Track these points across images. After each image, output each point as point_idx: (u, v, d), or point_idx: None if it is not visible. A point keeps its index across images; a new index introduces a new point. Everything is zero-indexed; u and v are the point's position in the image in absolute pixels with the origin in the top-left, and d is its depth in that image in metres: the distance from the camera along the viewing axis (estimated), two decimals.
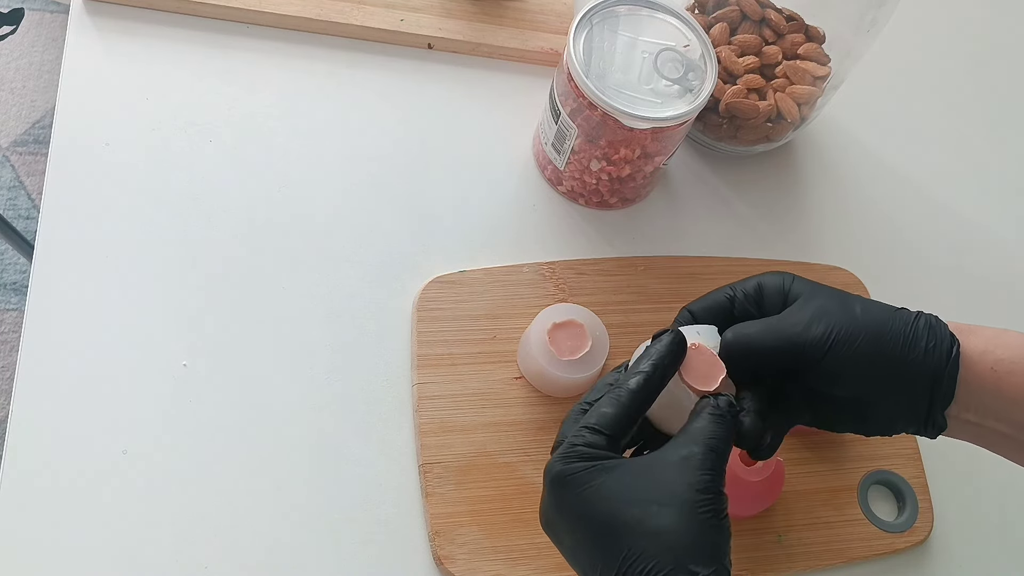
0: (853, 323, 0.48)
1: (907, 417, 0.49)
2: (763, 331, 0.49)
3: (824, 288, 0.51)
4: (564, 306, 0.64)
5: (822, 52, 0.72)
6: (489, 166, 0.73)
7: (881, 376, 0.48)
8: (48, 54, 1.68)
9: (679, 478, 0.43)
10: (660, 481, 0.43)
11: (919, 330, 0.48)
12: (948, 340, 0.48)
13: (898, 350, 0.48)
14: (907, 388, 0.48)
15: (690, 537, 0.42)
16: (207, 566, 0.56)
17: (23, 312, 0.70)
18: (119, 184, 0.66)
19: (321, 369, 0.63)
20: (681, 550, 0.42)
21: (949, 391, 0.48)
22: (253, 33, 0.73)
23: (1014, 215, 0.81)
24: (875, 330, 0.48)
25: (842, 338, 0.48)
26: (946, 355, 0.48)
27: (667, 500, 0.43)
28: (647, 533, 0.42)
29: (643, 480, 0.44)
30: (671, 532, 0.42)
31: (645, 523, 0.42)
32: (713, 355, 0.50)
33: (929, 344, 0.48)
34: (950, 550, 0.66)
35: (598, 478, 0.44)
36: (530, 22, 0.78)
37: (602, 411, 0.46)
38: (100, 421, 0.59)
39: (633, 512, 0.43)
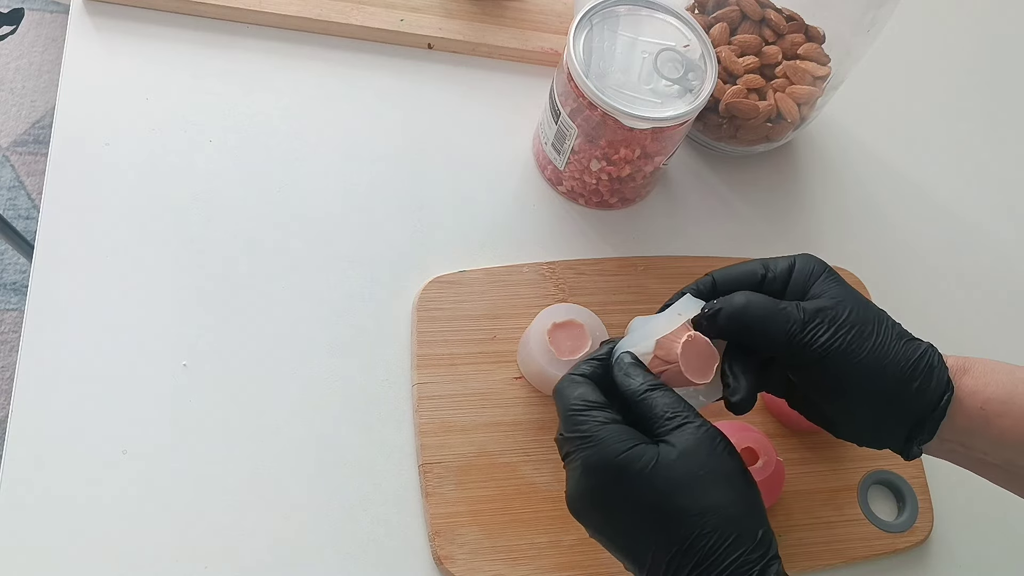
0: (855, 342, 0.48)
1: (885, 438, 0.50)
2: (768, 317, 0.49)
3: (846, 288, 0.51)
4: (564, 306, 0.64)
5: (822, 52, 0.72)
6: (489, 166, 0.73)
7: (867, 402, 0.49)
8: (48, 54, 1.68)
9: (715, 458, 0.45)
10: (702, 462, 0.45)
11: (918, 368, 0.48)
12: (943, 386, 0.48)
13: (891, 386, 0.48)
14: (890, 420, 0.49)
15: (743, 505, 0.44)
16: (207, 566, 0.56)
17: (23, 312, 0.70)
18: (119, 184, 0.66)
19: (321, 369, 0.63)
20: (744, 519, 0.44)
21: (930, 432, 0.49)
22: (253, 33, 0.73)
23: (1014, 215, 0.81)
24: (873, 361, 0.48)
25: (841, 351, 0.48)
26: (935, 401, 0.48)
27: (714, 478, 0.45)
28: (708, 510, 0.44)
29: (690, 462, 0.45)
30: (720, 509, 0.44)
31: (700, 502, 0.44)
32: (708, 345, 0.50)
33: (923, 385, 0.48)
34: (950, 550, 0.66)
35: (637, 464, 0.45)
36: (530, 22, 0.78)
37: (572, 393, 0.48)
38: (100, 421, 0.59)
39: (680, 498, 0.44)
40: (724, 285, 0.52)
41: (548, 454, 0.62)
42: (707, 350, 0.50)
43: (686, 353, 0.49)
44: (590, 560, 0.60)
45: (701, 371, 0.49)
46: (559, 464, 0.49)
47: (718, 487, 0.44)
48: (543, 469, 0.62)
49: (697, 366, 0.49)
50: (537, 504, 0.61)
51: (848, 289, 0.51)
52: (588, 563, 0.60)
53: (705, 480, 0.44)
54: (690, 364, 0.49)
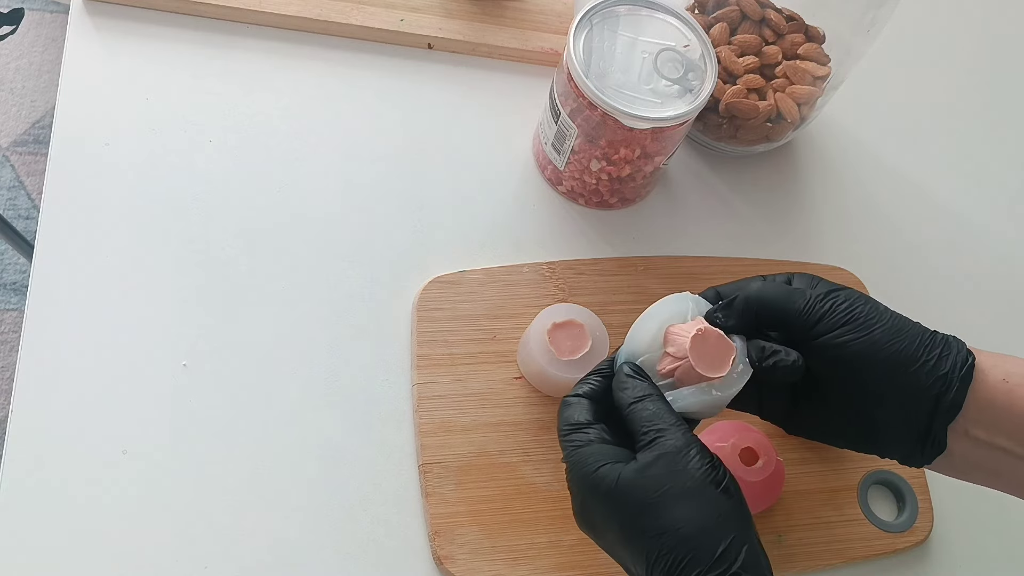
0: (874, 311, 0.49)
1: (907, 426, 0.48)
2: (785, 296, 0.50)
3: (849, 288, 0.51)
4: (564, 306, 0.64)
5: (822, 52, 0.72)
6: (489, 166, 0.73)
7: (889, 369, 0.48)
8: (48, 54, 1.68)
9: (676, 470, 0.45)
10: (663, 476, 0.45)
11: (936, 339, 0.48)
12: (964, 352, 0.48)
13: (912, 348, 0.48)
14: (913, 389, 0.48)
15: (703, 521, 0.44)
16: (207, 566, 0.56)
17: (23, 312, 0.70)
18: (119, 184, 0.66)
19: (321, 369, 0.63)
20: (699, 537, 0.44)
21: (958, 400, 0.47)
22: (253, 33, 0.73)
23: (1014, 215, 0.81)
24: (894, 325, 0.48)
25: (859, 319, 0.48)
26: (960, 363, 0.47)
27: (673, 494, 0.45)
28: (665, 531, 0.44)
29: (651, 479, 0.45)
30: (684, 522, 0.44)
31: (662, 520, 0.44)
32: (721, 337, 0.49)
33: (944, 352, 0.48)
34: (950, 550, 0.66)
35: (612, 482, 0.46)
36: (530, 22, 0.78)
37: (564, 416, 0.49)
38: (100, 421, 0.59)
39: (644, 514, 0.45)
40: (728, 294, 0.52)
41: (548, 454, 0.62)
42: (720, 343, 0.49)
43: (696, 347, 0.48)
44: (590, 560, 0.60)
45: (714, 365, 0.49)
46: (559, 464, 0.49)
47: (676, 505, 0.44)
48: (543, 469, 0.62)
49: (709, 360, 0.48)
50: (537, 504, 0.61)
51: (852, 289, 0.51)
52: (588, 563, 0.60)
53: (664, 498, 0.44)
54: (702, 358, 0.48)
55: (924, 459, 0.49)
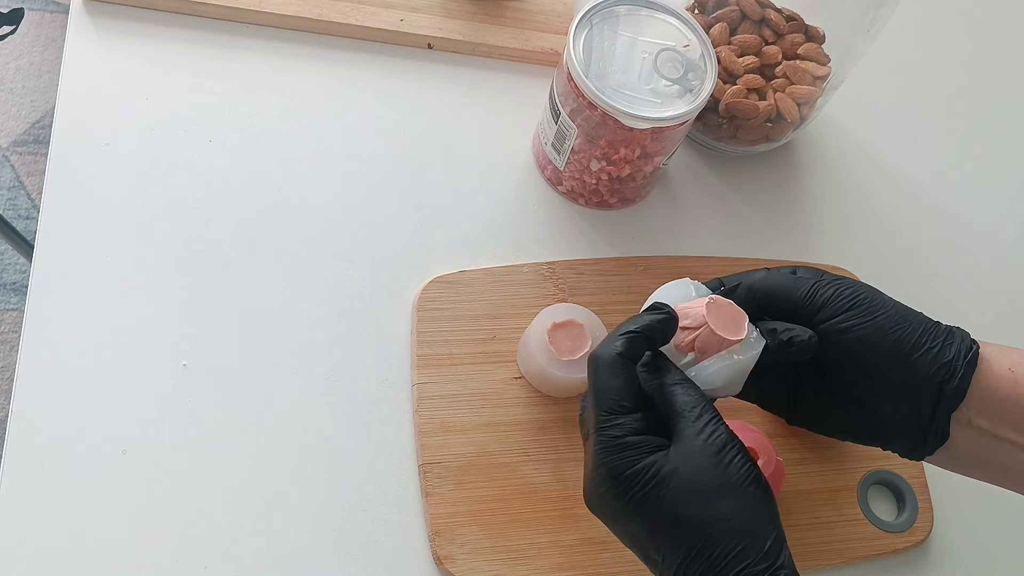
0: (878, 298, 0.49)
1: (910, 416, 0.48)
2: (788, 283, 0.50)
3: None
4: (564, 306, 0.64)
5: (822, 52, 0.72)
6: (489, 166, 0.73)
7: (893, 356, 0.47)
8: (48, 54, 1.68)
9: (714, 464, 0.44)
10: (702, 468, 0.44)
11: (940, 328, 0.48)
12: (968, 340, 0.48)
13: (916, 335, 0.47)
14: (917, 377, 0.47)
15: (752, 514, 0.44)
16: (207, 566, 0.56)
17: (23, 312, 0.70)
18: (119, 184, 0.66)
19: (321, 369, 0.63)
20: (747, 529, 0.43)
21: (962, 387, 0.47)
22: (253, 33, 0.73)
23: (1014, 215, 0.81)
24: (898, 312, 0.48)
25: (863, 306, 0.48)
26: (964, 351, 0.47)
27: (715, 487, 0.44)
28: (711, 523, 0.43)
29: (692, 470, 0.44)
30: (730, 516, 0.43)
31: (707, 513, 0.43)
32: (731, 304, 0.50)
33: (948, 340, 0.48)
34: (950, 550, 0.66)
35: (656, 474, 0.44)
36: (530, 22, 0.78)
37: (610, 386, 0.46)
38: (100, 421, 0.59)
39: (691, 505, 0.44)
40: (731, 282, 0.53)
41: (548, 454, 0.62)
42: (732, 308, 0.49)
43: (712, 313, 0.49)
44: (590, 560, 0.60)
45: (732, 328, 0.49)
46: (559, 464, 0.49)
47: (726, 496, 0.44)
48: (543, 469, 0.62)
49: (727, 324, 0.49)
50: (537, 504, 0.61)
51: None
52: (588, 563, 0.60)
53: (713, 489, 0.44)
54: (720, 322, 0.48)
55: (927, 450, 0.49)
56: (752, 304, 0.51)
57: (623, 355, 0.47)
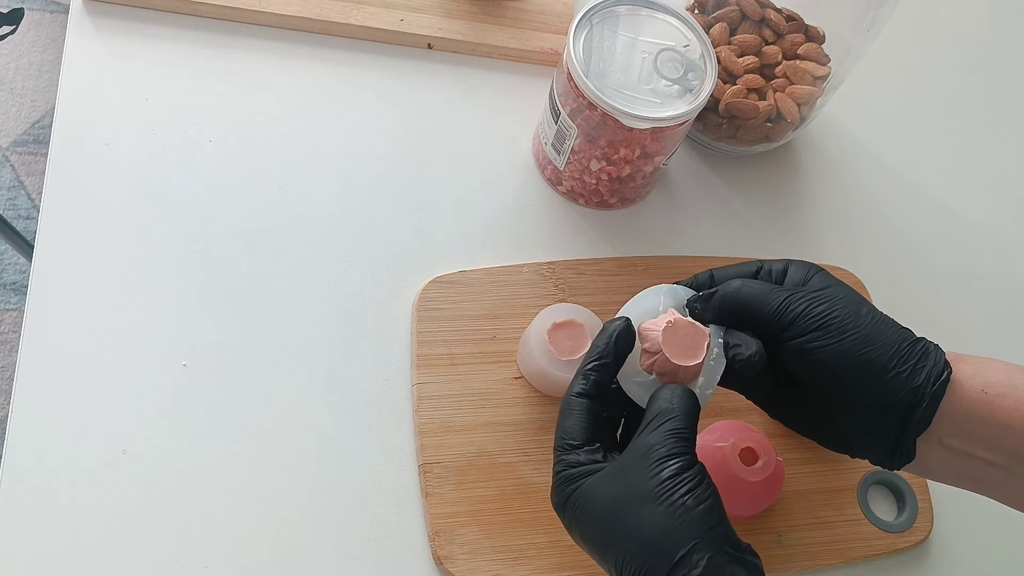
0: (851, 317, 0.48)
1: (876, 434, 0.48)
2: (763, 294, 0.50)
3: (841, 284, 0.51)
4: (564, 306, 0.64)
5: (822, 52, 0.72)
6: (489, 166, 0.73)
7: (858, 378, 0.47)
8: (48, 54, 1.68)
9: (643, 474, 0.45)
10: (630, 482, 0.45)
11: (914, 350, 0.48)
12: (941, 364, 0.47)
13: (884, 358, 0.47)
14: (883, 400, 0.47)
15: (665, 524, 0.43)
16: (207, 566, 0.56)
17: (23, 312, 0.70)
18: (119, 184, 0.66)
19: (321, 369, 0.63)
20: (658, 541, 0.43)
21: (927, 416, 0.47)
22: (253, 33, 0.73)
23: (1014, 215, 0.81)
24: (869, 333, 0.48)
25: (833, 326, 0.47)
26: (934, 377, 0.47)
27: (636, 499, 0.44)
28: (628, 536, 0.44)
29: (617, 486, 0.45)
30: (645, 527, 0.44)
31: (625, 526, 0.44)
32: (692, 325, 0.49)
33: (919, 364, 0.47)
34: (950, 550, 0.66)
35: (583, 497, 0.46)
36: (530, 22, 0.78)
37: (563, 426, 0.48)
38: (100, 421, 0.59)
39: (616, 520, 0.45)
40: (722, 279, 0.53)
41: (548, 454, 0.62)
42: (691, 330, 0.49)
43: (668, 338, 0.49)
44: (590, 560, 0.59)
45: (687, 353, 0.49)
46: None
47: (638, 509, 0.44)
48: (543, 469, 0.62)
49: (684, 348, 0.49)
50: (537, 504, 0.61)
51: (843, 285, 0.51)
52: (588, 563, 0.59)
53: (628, 504, 0.44)
54: (674, 348, 0.49)
55: (895, 465, 0.49)
56: (724, 313, 0.51)
57: (579, 394, 0.49)
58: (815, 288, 0.50)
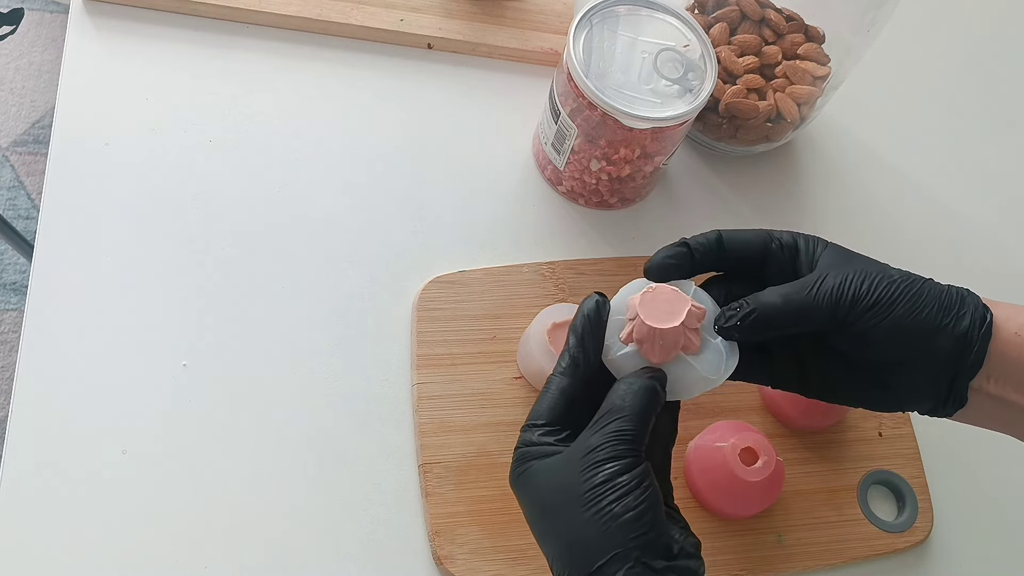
0: (891, 286, 0.48)
1: (928, 387, 0.48)
2: (792, 297, 0.48)
3: (850, 252, 0.51)
4: (564, 306, 0.64)
5: (822, 52, 0.72)
6: (489, 166, 0.73)
7: (913, 340, 0.47)
8: (48, 54, 1.68)
9: (578, 475, 0.44)
10: (567, 480, 0.44)
11: (952, 298, 0.48)
12: (981, 308, 0.48)
13: (932, 314, 0.47)
14: (936, 354, 0.47)
15: (586, 533, 0.43)
16: (207, 566, 0.56)
17: (23, 312, 0.70)
18: (119, 184, 0.66)
19: (321, 369, 0.63)
20: (581, 547, 0.43)
21: (979, 358, 0.47)
22: (253, 33, 0.73)
23: (1014, 215, 0.81)
24: (911, 294, 0.48)
25: (882, 301, 0.47)
26: (979, 321, 0.47)
27: (568, 500, 0.44)
28: (558, 535, 0.44)
29: (558, 479, 0.45)
30: (572, 530, 0.43)
31: (556, 524, 0.44)
32: (674, 291, 0.47)
33: (962, 311, 0.47)
34: (950, 550, 0.66)
35: (532, 474, 0.46)
36: (530, 22, 0.78)
37: (536, 408, 0.48)
38: (100, 421, 0.59)
39: (552, 514, 0.44)
40: (732, 246, 0.51)
41: None
42: (672, 296, 0.47)
43: (646, 303, 0.47)
44: None
45: (665, 318, 0.47)
46: None
47: (568, 511, 0.44)
48: None
49: (659, 313, 0.47)
50: None
51: (853, 253, 0.51)
52: None
53: (562, 503, 0.44)
54: (650, 311, 0.47)
55: (946, 412, 0.49)
56: (767, 332, 0.49)
57: (554, 374, 0.48)
58: (841, 265, 0.49)
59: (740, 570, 0.61)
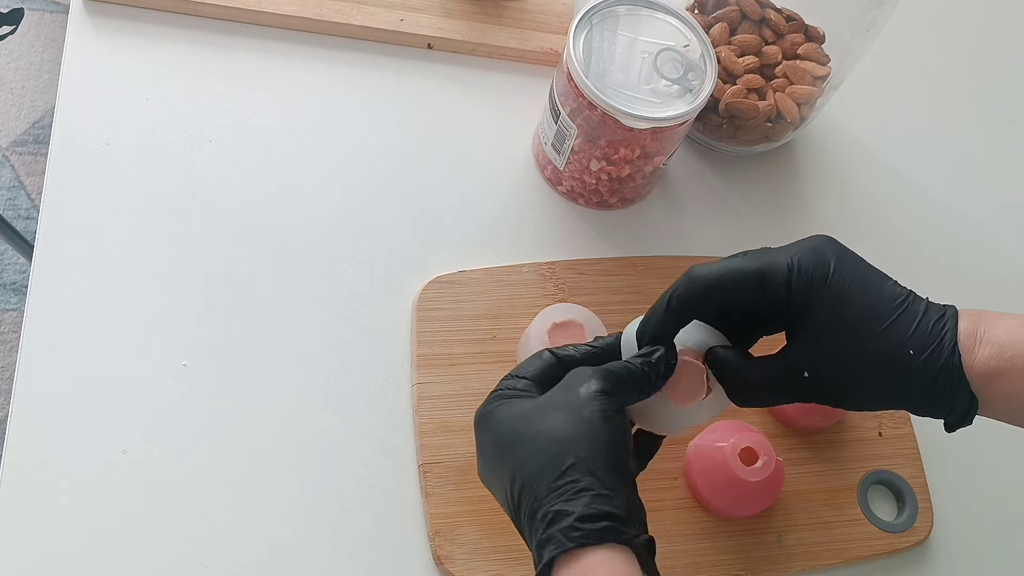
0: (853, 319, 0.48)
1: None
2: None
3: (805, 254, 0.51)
4: (564, 306, 0.64)
5: (822, 52, 0.72)
6: (489, 166, 0.73)
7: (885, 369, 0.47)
8: (48, 54, 1.68)
9: (568, 391, 0.46)
10: (552, 399, 0.46)
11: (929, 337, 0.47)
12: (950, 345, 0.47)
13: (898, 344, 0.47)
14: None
15: (576, 430, 0.44)
16: (207, 566, 0.56)
17: (23, 312, 0.70)
18: (119, 184, 0.66)
19: (321, 369, 0.63)
20: (568, 440, 0.43)
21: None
22: (253, 33, 0.73)
23: (1014, 215, 0.81)
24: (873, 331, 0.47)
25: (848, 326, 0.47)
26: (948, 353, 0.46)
27: (555, 407, 0.45)
28: (537, 435, 0.44)
29: (540, 401, 0.46)
30: (558, 428, 0.44)
31: (536, 427, 0.44)
32: (698, 367, 0.50)
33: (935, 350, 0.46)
34: (950, 550, 0.66)
35: (505, 407, 0.46)
36: (530, 22, 0.78)
37: (525, 365, 0.49)
38: (100, 421, 0.59)
39: (527, 423, 0.45)
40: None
41: None
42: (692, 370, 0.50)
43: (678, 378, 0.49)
44: None
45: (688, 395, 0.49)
46: None
47: (544, 416, 0.45)
48: None
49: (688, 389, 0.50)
50: None
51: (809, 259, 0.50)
52: None
53: (538, 411, 0.45)
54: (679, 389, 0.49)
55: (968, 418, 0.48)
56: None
57: (553, 352, 0.49)
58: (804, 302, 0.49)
59: (740, 570, 0.61)
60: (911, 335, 0.47)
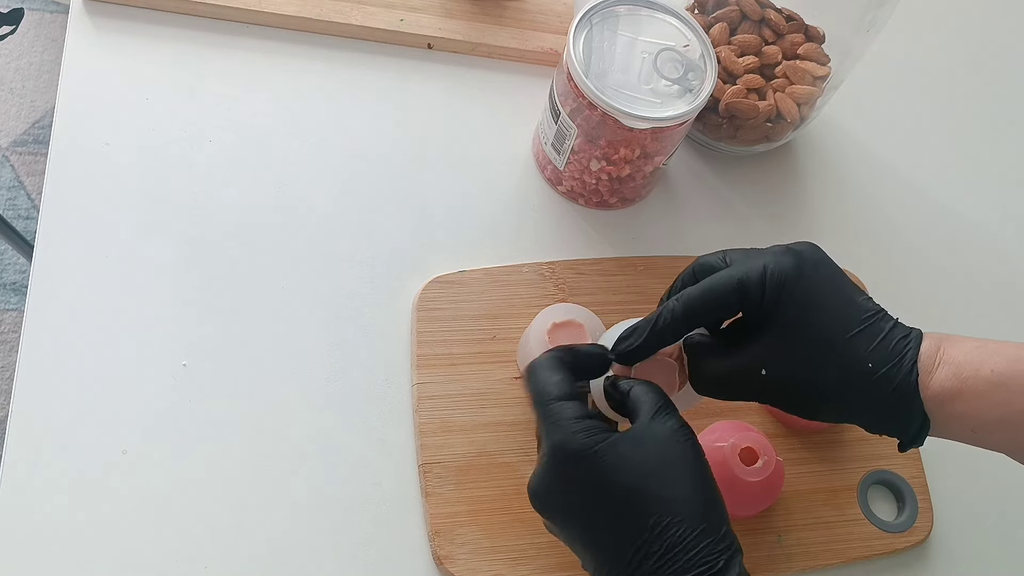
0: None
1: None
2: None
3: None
4: (564, 306, 0.64)
5: (822, 52, 0.72)
6: (489, 166, 0.73)
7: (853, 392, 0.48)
8: (48, 54, 1.68)
9: (677, 449, 0.46)
10: (663, 454, 0.46)
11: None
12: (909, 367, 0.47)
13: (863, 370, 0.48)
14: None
15: (704, 499, 0.45)
16: (207, 566, 0.56)
17: (23, 312, 0.70)
18: (119, 184, 0.66)
19: (321, 369, 0.63)
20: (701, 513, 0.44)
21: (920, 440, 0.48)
22: (252, 33, 0.73)
23: (1014, 215, 0.81)
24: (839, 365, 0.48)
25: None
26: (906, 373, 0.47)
27: (679, 471, 0.45)
28: (673, 500, 0.44)
29: (647, 452, 0.46)
30: (690, 499, 0.44)
31: (671, 490, 0.45)
32: (671, 364, 0.53)
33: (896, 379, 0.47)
34: (950, 550, 0.66)
35: (609, 452, 0.46)
36: (530, 22, 0.78)
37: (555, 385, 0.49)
38: (100, 421, 0.59)
39: (651, 483, 0.45)
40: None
41: None
42: (663, 364, 0.52)
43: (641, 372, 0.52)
44: None
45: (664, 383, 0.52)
46: None
47: (686, 478, 0.45)
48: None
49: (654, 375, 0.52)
50: None
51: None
52: None
53: (674, 469, 0.45)
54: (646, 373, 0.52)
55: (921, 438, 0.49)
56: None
57: (558, 356, 0.50)
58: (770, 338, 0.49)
59: None
60: (873, 348, 0.47)
